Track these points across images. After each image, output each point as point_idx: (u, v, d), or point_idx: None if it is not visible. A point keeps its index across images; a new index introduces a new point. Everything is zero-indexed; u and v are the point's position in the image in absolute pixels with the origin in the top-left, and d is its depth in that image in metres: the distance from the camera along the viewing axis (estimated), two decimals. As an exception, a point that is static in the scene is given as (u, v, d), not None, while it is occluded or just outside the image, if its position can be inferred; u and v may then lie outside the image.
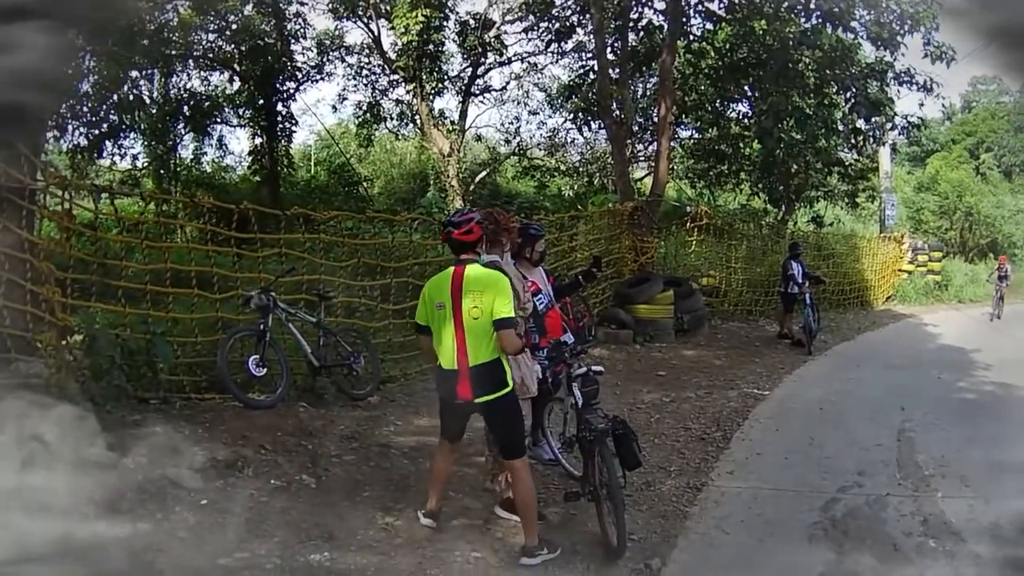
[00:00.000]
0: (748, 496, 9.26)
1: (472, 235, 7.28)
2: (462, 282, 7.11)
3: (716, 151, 30.87)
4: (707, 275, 24.31)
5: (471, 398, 7.14)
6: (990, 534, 7.97)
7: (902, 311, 29.81)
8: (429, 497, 7.84)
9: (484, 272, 7.21)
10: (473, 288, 7.06)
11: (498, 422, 7.39)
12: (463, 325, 7.08)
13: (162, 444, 8.64)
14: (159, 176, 31.26)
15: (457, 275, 7.16)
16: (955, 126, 62.43)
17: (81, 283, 10.60)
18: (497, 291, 7.05)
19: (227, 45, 30.40)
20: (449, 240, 7.34)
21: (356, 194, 34.75)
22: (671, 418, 12.62)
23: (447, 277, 7.22)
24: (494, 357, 7.13)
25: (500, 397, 7.19)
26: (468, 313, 7.05)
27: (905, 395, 14.18)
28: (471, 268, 7.19)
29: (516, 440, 7.38)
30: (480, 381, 7.12)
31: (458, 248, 7.32)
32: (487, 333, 7.06)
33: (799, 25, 23.25)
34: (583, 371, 7.46)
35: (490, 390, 7.14)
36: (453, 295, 7.12)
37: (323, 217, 14.53)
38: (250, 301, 11.37)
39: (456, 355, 7.12)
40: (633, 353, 17.61)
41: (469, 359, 7.09)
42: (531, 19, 30.62)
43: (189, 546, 6.85)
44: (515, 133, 35.60)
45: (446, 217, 7.46)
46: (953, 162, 52.43)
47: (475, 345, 7.08)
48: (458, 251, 7.33)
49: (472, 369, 7.10)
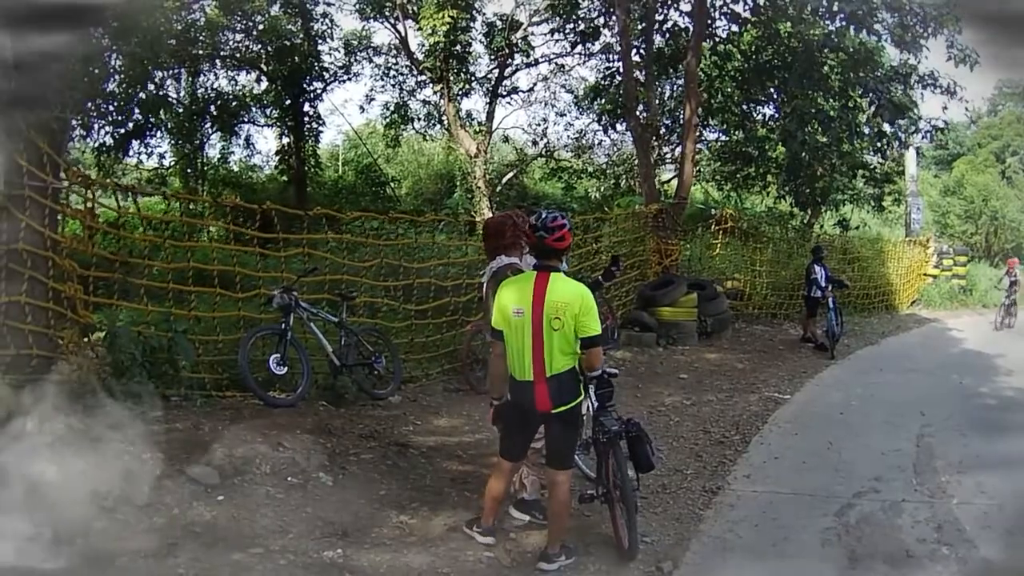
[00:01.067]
0: (763, 500, 9.26)
1: (564, 242, 7.06)
2: (545, 290, 6.91)
3: (742, 153, 30.73)
4: (732, 278, 24.23)
5: (550, 408, 6.97)
6: (1004, 541, 7.97)
7: (927, 315, 29.65)
8: (485, 515, 7.62)
9: (571, 284, 7.07)
10: (558, 298, 6.87)
11: (562, 432, 7.17)
12: (543, 334, 6.89)
13: (181, 440, 8.75)
14: (186, 175, 31.47)
15: (540, 282, 6.96)
16: (981, 130, 61.94)
17: (104, 281, 10.73)
18: (584, 305, 6.89)
19: (254, 45, 30.58)
20: (540, 246, 7.07)
21: (383, 194, 34.86)
22: (691, 421, 12.62)
23: (528, 283, 7.03)
24: (571, 366, 7.00)
25: (576, 406, 7.12)
26: (549, 323, 6.86)
27: (926, 400, 14.08)
28: (557, 277, 7.00)
29: (571, 450, 7.36)
30: (560, 391, 6.96)
31: (546, 254, 7.08)
32: (568, 343, 6.91)
33: (823, 28, 23.22)
34: (598, 373, 7.48)
35: (568, 399, 7.01)
36: (535, 302, 6.91)
37: (347, 217, 14.61)
38: (272, 300, 11.49)
39: (533, 365, 6.94)
40: (655, 356, 17.58)
41: (548, 368, 6.92)
42: (557, 20, 30.66)
43: (205, 541, 6.93)
44: (542, 134, 35.60)
45: (536, 221, 7.06)
46: (979, 166, 52.11)
47: (554, 354, 6.90)
48: (544, 257, 7.10)
49: (552, 379, 6.93)
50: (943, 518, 8.60)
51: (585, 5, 29.55)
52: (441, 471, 9.45)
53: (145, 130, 29.59)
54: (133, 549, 6.59)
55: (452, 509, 8.32)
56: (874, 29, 22.20)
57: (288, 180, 31.57)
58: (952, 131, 32.95)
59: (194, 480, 7.89)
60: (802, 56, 23.67)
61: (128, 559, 6.48)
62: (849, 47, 23.23)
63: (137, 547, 6.62)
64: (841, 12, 21.60)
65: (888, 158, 31.68)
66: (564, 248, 7.13)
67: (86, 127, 26.58)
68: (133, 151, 30.27)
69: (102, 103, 26.24)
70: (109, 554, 6.49)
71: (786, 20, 23.74)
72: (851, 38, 22.87)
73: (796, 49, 24.02)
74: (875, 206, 33.74)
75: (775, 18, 23.91)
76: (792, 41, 24.30)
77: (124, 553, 6.53)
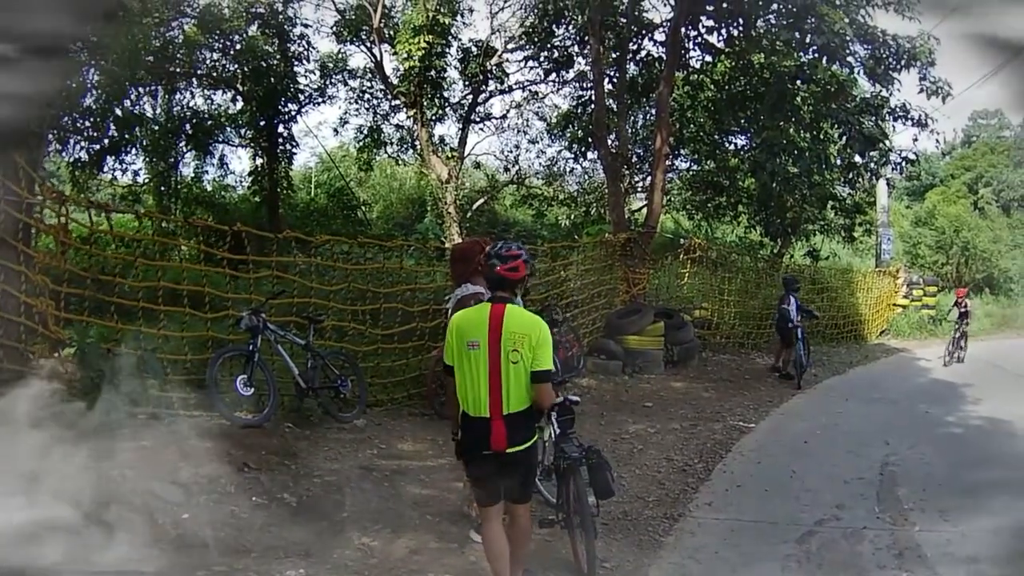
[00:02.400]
0: (725, 528, 9.35)
1: (517, 273, 6.81)
2: (502, 321, 6.63)
3: (713, 183, 30.86)
4: (700, 307, 24.29)
5: (504, 448, 6.62)
6: (965, 568, 8.07)
7: (895, 345, 29.83)
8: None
9: (527, 315, 6.84)
10: (515, 330, 6.60)
11: (519, 471, 6.84)
12: (500, 368, 6.59)
13: (148, 458, 8.78)
14: (160, 193, 31.36)
15: (496, 313, 6.67)
16: (954, 160, 62.45)
17: (75, 297, 10.75)
18: (540, 338, 6.64)
19: (231, 65, 30.50)
20: (491, 275, 6.86)
21: (354, 218, 34.77)
22: (654, 449, 12.70)
23: (483, 314, 6.71)
24: (528, 405, 6.68)
25: (532, 446, 6.87)
26: (507, 355, 6.57)
27: (891, 429, 14.25)
28: (512, 308, 6.74)
29: (528, 485, 7.10)
30: (516, 429, 6.64)
31: (498, 284, 6.85)
32: (524, 379, 6.62)
33: (796, 59, 23.38)
34: (560, 400, 7.55)
35: (523, 440, 6.70)
36: (491, 334, 6.61)
37: (318, 241, 14.67)
38: (241, 321, 11.55)
39: (489, 401, 6.61)
40: (621, 384, 17.64)
41: (505, 405, 6.60)
42: (532, 48, 30.76)
43: (169, 557, 6.96)
44: (514, 161, 35.55)
45: (491, 249, 6.88)
46: (951, 197, 52.47)
47: (511, 391, 6.60)
48: (496, 287, 6.87)
49: (508, 417, 6.61)
50: (904, 545, 8.72)
51: (560, 33, 29.63)
52: (404, 495, 9.52)
53: (120, 146, 29.47)
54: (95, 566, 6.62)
55: (414, 532, 8.40)
56: (847, 61, 22.37)
57: (260, 201, 31.45)
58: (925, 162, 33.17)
59: (160, 497, 7.93)
60: (774, 87, 23.77)
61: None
62: (821, 79, 23.35)
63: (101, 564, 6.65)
64: (814, 44, 21.75)
65: (859, 189, 31.85)
66: (517, 280, 6.91)
67: (61, 142, 26.52)
68: (108, 167, 30.14)
69: (78, 118, 26.20)
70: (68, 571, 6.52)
71: (759, 51, 23.89)
72: (823, 69, 23.03)
73: (768, 80, 24.12)
74: (845, 236, 33.92)
75: (748, 49, 24.03)
76: (765, 72, 24.41)
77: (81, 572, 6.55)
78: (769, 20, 22.86)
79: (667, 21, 25.06)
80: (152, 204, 29.68)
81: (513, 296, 6.97)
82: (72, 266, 11.00)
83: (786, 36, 21.72)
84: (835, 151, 26.18)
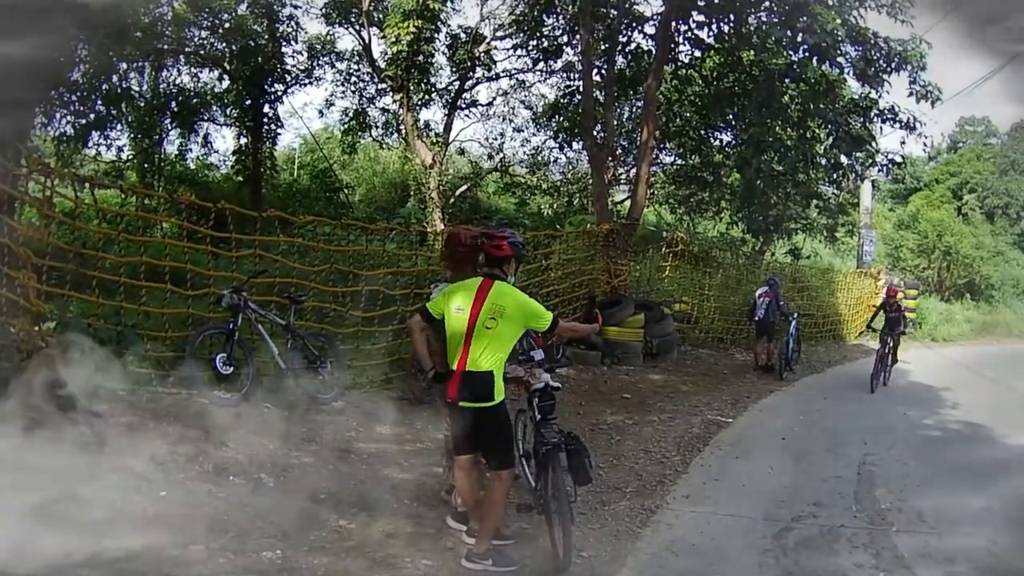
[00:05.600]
0: (701, 521, 9.33)
1: (500, 251, 7.56)
2: (488, 293, 7.36)
3: (698, 178, 30.79)
4: (680, 301, 24.34)
5: (456, 400, 7.33)
6: (942, 569, 8.09)
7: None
8: (471, 521, 7.95)
9: (512, 290, 7.51)
10: (498, 301, 7.33)
11: (484, 433, 7.42)
12: (473, 331, 7.29)
13: (126, 434, 8.74)
14: (143, 169, 31.17)
15: (484, 286, 7.41)
16: (940, 166, 62.43)
17: (58, 271, 10.68)
18: (529, 309, 7.46)
19: (219, 43, 30.33)
20: (482, 250, 7.71)
21: (337, 200, 34.63)
22: (632, 440, 12.72)
23: (473, 286, 7.45)
24: (488, 369, 7.29)
25: (485, 408, 7.33)
26: (483, 322, 7.28)
27: (869, 429, 14.31)
28: (500, 284, 7.46)
29: (502, 452, 7.54)
30: (469, 387, 7.29)
31: (488, 261, 7.64)
32: (492, 345, 7.29)
33: (786, 57, 23.35)
34: (541, 386, 7.58)
35: (473, 398, 7.30)
36: (475, 303, 7.33)
37: (300, 221, 14.59)
38: (222, 300, 11.49)
39: (459, 357, 7.32)
40: (600, 375, 17.70)
41: (468, 363, 7.29)
42: (521, 36, 30.67)
43: (145, 536, 6.92)
44: (498, 149, 35.38)
45: (486, 229, 7.95)
46: (935, 201, 52.50)
47: (477, 353, 7.29)
48: (488, 264, 7.64)
49: (465, 374, 7.29)
50: (881, 544, 8.74)
51: (550, 23, 29.55)
52: (381, 477, 9.50)
53: (106, 122, 29.35)
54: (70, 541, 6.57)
55: (391, 515, 8.37)
56: (837, 62, 22.33)
57: (243, 181, 31.26)
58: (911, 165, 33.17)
59: (137, 475, 7.89)
60: (763, 85, 23.72)
61: (62, 552, 6.45)
62: (811, 78, 23.31)
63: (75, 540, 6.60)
64: (805, 43, 21.71)
65: (844, 189, 31.95)
66: (499, 257, 7.58)
67: (48, 115, 26.35)
68: (93, 142, 30.03)
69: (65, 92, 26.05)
70: (45, 546, 6.47)
71: (749, 48, 23.83)
72: (813, 69, 22.98)
73: (757, 77, 24.08)
74: (828, 236, 34.00)
75: (738, 46, 23.98)
76: (754, 69, 24.38)
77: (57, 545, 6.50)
78: (760, 17, 22.82)
79: (658, 14, 25.02)
80: (135, 181, 29.47)
81: (504, 275, 7.60)
82: (55, 240, 10.92)
83: (777, 34, 21.65)
84: (821, 150, 26.15)
